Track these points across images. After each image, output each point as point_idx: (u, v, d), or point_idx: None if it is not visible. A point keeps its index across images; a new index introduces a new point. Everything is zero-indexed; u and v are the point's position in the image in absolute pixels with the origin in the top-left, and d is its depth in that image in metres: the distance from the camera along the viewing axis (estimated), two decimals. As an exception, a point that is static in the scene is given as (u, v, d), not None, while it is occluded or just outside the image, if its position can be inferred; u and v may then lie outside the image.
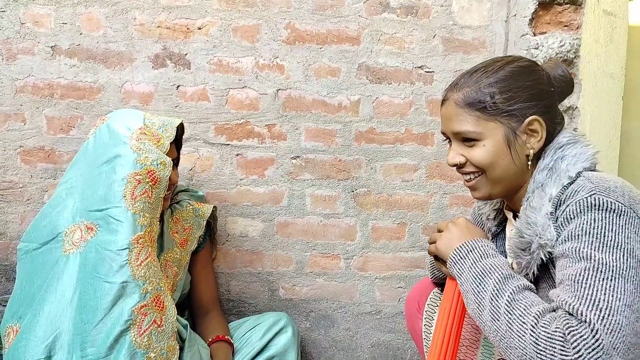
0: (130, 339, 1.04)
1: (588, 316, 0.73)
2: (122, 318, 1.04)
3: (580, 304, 0.74)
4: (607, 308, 0.73)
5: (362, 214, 1.66)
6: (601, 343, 0.70)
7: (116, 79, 1.58)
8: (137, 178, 1.13)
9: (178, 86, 1.59)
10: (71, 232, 1.13)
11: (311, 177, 1.64)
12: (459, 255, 0.95)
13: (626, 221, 0.78)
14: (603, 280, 0.75)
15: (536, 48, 1.51)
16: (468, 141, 0.95)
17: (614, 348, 0.70)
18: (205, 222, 1.43)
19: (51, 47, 1.55)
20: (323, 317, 1.69)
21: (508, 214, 1.07)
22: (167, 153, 1.22)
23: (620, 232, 0.78)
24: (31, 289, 1.12)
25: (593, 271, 0.76)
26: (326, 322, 1.69)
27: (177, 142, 1.37)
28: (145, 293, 1.08)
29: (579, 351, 0.71)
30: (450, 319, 1.02)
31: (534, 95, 0.93)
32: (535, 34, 1.54)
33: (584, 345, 0.71)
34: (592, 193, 0.81)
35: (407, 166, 1.65)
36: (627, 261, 0.76)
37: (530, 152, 0.93)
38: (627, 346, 0.71)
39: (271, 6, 1.58)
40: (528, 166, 0.94)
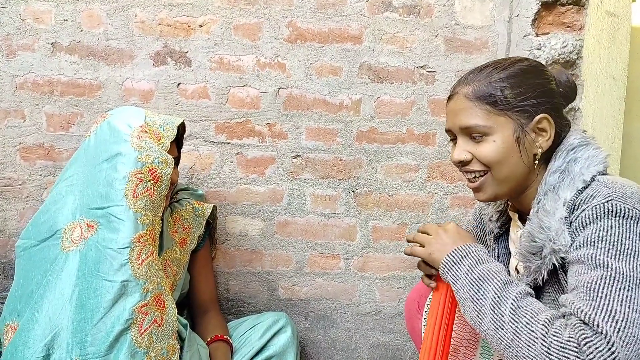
0: (130, 338, 1.03)
1: (604, 327, 0.71)
2: (123, 317, 1.03)
3: (595, 314, 0.73)
4: (624, 320, 0.72)
5: (363, 214, 1.66)
6: (617, 356, 0.69)
7: (116, 76, 1.57)
8: (139, 176, 1.13)
9: (179, 84, 1.58)
10: (70, 230, 1.12)
11: (311, 177, 1.64)
12: (453, 261, 0.93)
13: None
14: (620, 290, 0.74)
15: (539, 49, 1.51)
16: (476, 137, 0.93)
17: None
18: (205, 222, 1.43)
19: (51, 44, 1.54)
20: (322, 317, 1.69)
21: (513, 215, 1.05)
22: (168, 152, 1.22)
23: (637, 240, 0.77)
24: (29, 286, 1.11)
25: (609, 280, 0.75)
26: (325, 322, 1.69)
27: (178, 141, 1.36)
28: (146, 292, 1.08)
29: None
30: (439, 320, 1.00)
31: (544, 93, 0.92)
32: (537, 35, 1.53)
33: (599, 356, 0.70)
34: (609, 199, 0.80)
35: (408, 166, 1.65)
36: None
37: (538, 152, 0.91)
38: None
39: (273, 4, 1.57)
40: (535, 166, 0.93)
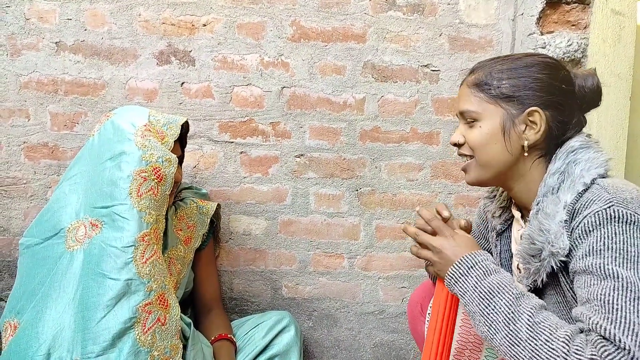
0: (134, 337, 1.04)
1: (625, 342, 0.71)
2: (127, 315, 1.04)
3: (615, 328, 0.72)
4: None
5: (366, 213, 1.66)
6: None
7: (120, 76, 1.57)
8: (143, 175, 1.13)
9: (182, 83, 1.59)
10: (74, 229, 1.12)
11: (315, 176, 1.64)
12: (459, 272, 0.91)
13: None
14: (634, 300, 0.74)
15: (543, 47, 1.50)
16: (470, 122, 0.98)
17: None
18: (209, 220, 1.43)
19: (55, 43, 1.55)
20: (326, 317, 1.69)
21: (516, 213, 1.05)
22: (172, 151, 1.22)
23: None
24: (31, 284, 1.12)
25: (622, 291, 0.74)
26: (329, 322, 1.69)
27: (182, 140, 1.36)
28: (150, 291, 1.08)
29: None
30: (441, 320, 0.99)
31: (543, 87, 0.92)
32: (542, 33, 1.52)
33: None
34: (610, 204, 0.80)
35: (412, 165, 1.64)
36: None
37: (525, 143, 0.93)
38: None
39: (276, 3, 1.57)
40: (525, 158, 0.94)
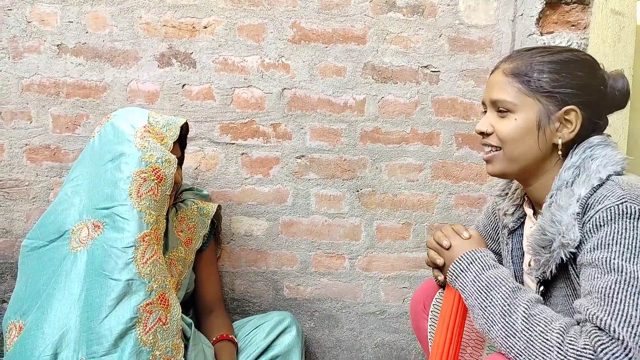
0: (135, 337, 1.04)
1: (620, 333, 0.71)
2: (128, 315, 1.04)
3: (611, 319, 0.72)
4: None
5: (367, 214, 1.66)
6: None
7: (122, 78, 1.58)
8: (143, 176, 1.14)
9: (183, 85, 1.59)
10: (78, 230, 1.13)
11: (316, 177, 1.64)
12: (460, 268, 0.93)
13: None
14: (635, 294, 0.73)
15: (543, 48, 1.50)
16: (502, 112, 0.95)
17: None
18: (209, 221, 1.43)
19: (57, 46, 1.56)
20: (327, 317, 1.69)
21: (528, 211, 1.05)
22: (171, 152, 1.22)
23: None
24: (36, 286, 1.12)
25: (624, 285, 0.74)
26: (330, 322, 1.69)
27: (182, 142, 1.37)
28: (150, 291, 1.08)
29: None
30: (451, 324, 1.00)
31: (582, 86, 0.91)
32: (542, 34, 1.53)
33: None
34: (623, 200, 0.79)
35: (413, 166, 1.65)
36: None
37: (558, 142, 0.91)
38: None
39: (277, 5, 1.58)
40: (552, 155, 0.93)
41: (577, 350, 0.72)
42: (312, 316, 1.69)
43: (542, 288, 0.96)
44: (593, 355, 0.71)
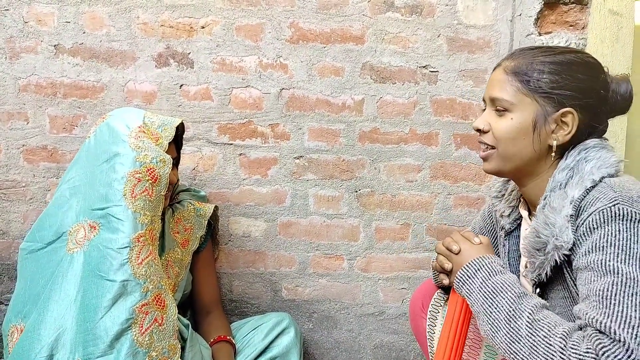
0: (131, 338, 1.04)
1: (621, 335, 0.71)
2: (124, 316, 1.04)
3: (611, 322, 0.72)
4: None
5: (366, 215, 1.65)
6: None
7: (119, 78, 1.57)
8: (137, 176, 1.13)
9: (181, 85, 1.59)
10: (75, 231, 1.13)
11: (314, 177, 1.64)
12: (467, 274, 0.93)
13: None
14: (633, 295, 0.73)
15: (541, 48, 1.50)
16: (500, 110, 0.95)
17: None
18: (206, 222, 1.42)
19: (54, 46, 1.55)
20: (326, 318, 1.68)
21: (523, 213, 1.05)
22: (167, 152, 1.22)
23: None
24: (36, 288, 1.12)
25: (621, 286, 0.74)
26: (329, 323, 1.68)
27: (178, 142, 1.36)
28: (146, 292, 1.08)
29: None
30: (453, 330, 1.00)
31: (581, 89, 0.90)
32: (540, 34, 1.53)
33: None
34: (615, 203, 0.79)
35: (411, 166, 1.64)
36: None
37: (553, 143, 0.91)
38: None
39: (275, 5, 1.57)
40: (548, 156, 0.93)
41: (580, 354, 0.72)
42: (311, 317, 1.68)
43: (538, 290, 0.96)
44: (595, 358, 0.71)
